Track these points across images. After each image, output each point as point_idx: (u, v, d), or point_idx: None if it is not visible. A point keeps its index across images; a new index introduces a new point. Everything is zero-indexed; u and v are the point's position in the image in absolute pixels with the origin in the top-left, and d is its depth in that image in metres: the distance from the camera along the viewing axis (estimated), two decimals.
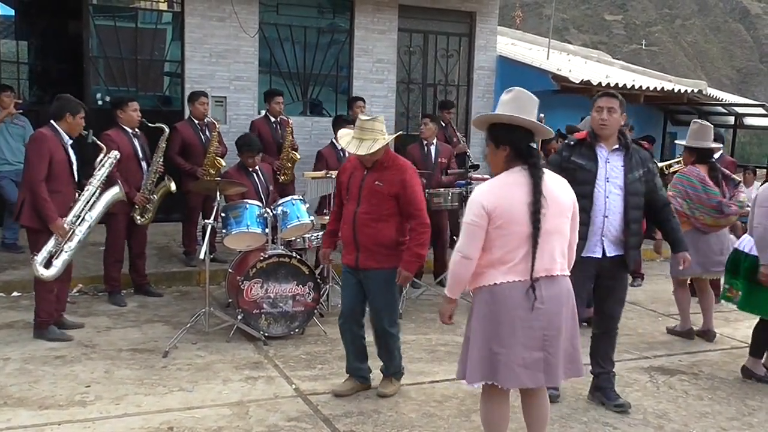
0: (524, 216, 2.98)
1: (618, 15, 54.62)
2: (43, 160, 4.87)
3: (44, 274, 4.94)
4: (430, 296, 6.69)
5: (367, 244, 4.09)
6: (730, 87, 40.53)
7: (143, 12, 8.41)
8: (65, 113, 5.04)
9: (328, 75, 9.15)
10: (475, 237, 3.01)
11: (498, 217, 2.98)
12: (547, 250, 3.02)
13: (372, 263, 4.11)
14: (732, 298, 4.85)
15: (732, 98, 13.07)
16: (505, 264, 3.01)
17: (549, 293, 3.02)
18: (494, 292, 3.03)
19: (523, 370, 3.01)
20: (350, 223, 4.12)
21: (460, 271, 3.09)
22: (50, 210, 4.87)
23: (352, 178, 4.18)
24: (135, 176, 5.94)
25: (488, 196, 3.02)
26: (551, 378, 3.09)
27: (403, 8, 9.24)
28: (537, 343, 3.01)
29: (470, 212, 3.03)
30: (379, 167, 4.09)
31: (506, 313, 3.00)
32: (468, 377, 3.12)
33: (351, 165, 4.25)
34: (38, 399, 4.05)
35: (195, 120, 6.94)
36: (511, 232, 2.99)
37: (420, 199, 4.12)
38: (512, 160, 3.08)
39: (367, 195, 4.09)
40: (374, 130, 4.01)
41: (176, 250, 7.45)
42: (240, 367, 4.69)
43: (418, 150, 7.03)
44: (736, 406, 4.40)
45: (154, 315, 5.83)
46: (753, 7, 56.39)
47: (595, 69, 11.78)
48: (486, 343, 3.05)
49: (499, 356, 3.01)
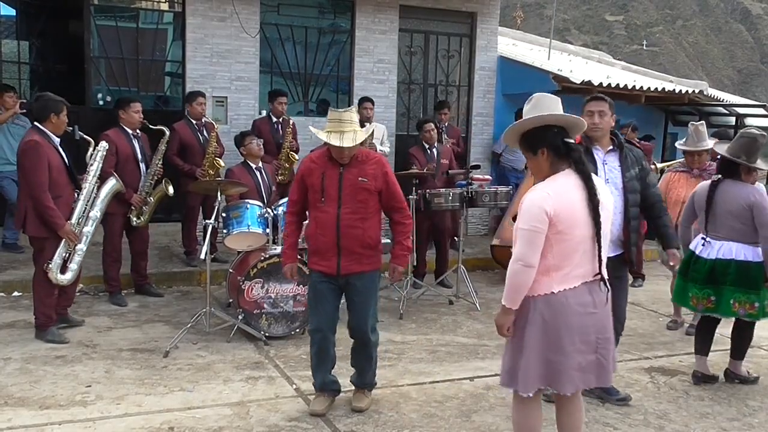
0: (585, 218, 2.93)
1: (619, 15, 54.63)
2: (44, 169, 4.81)
3: (62, 279, 4.97)
4: (430, 296, 6.69)
5: (352, 247, 3.85)
6: (731, 87, 40.53)
7: (144, 12, 8.41)
8: (49, 114, 4.94)
9: (329, 75, 9.14)
10: (536, 243, 2.90)
11: (560, 221, 2.89)
12: (604, 254, 3.01)
13: (356, 267, 3.89)
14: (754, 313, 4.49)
15: (733, 99, 13.05)
16: (560, 270, 2.94)
17: (600, 298, 3.03)
18: (551, 302, 2.96)
19: (579, 374, 3.02)
20: (332, 227, 3.82)
21: (521, 281, 2.94)
22: (57, 217, 4.86)
23: (326, 179, 3.84)
24: (133, 177, 5.92)
25: (549, 200, 2.89)
26: (602, 379, 3.11)
27: (404, 9, 9.23)
28: (591, 347, 3.02)
29: (532, 218, 2.89)
30: (356, 162, 3.85)
31: (564, 322, 2.96)
32: (522, 387, 3.05)
33: (318, 165, 3.90)
34: (39, 399, 4.05)
35: (193, 120, 6.94)
36: (571, 237, 2.92)
37: (401, 191, 4.01)
38: (555, 162, 3.00)
39: (350, 193, 3.82)
40: (352, 121, 3.79)
41: (177, 250, 7.46)
42: (241, 367, 4.69)
43: (420, 152, 7.03)
44: (736, 406, 4.39)
45: (155, 315, 5.83)
46: (754, 7, 56.36)
47: (596, 69, 11.77)
48: (543, 352, 3.00)
49: (556, 364, 2.99)
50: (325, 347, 4.00)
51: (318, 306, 3.97)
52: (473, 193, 6.51)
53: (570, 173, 2.97)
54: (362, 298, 3.96)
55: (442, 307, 6.43)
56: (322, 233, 3.85)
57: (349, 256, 3.85)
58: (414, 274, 6.65)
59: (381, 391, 4.36)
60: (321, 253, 3.89)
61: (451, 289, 6.94)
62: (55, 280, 4.95)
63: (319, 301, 3.95)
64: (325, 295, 3.94)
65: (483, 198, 6.53)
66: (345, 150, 3.76)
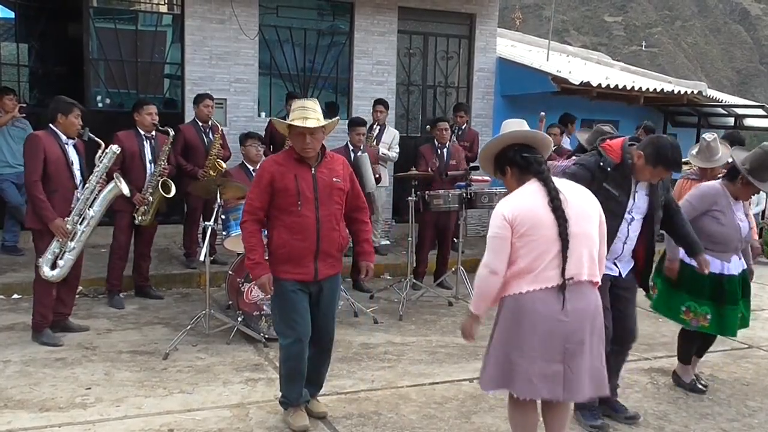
0: (549, 218, 2.94)
1: (618, 16, 54.68)
2: (36, 160, 4.88)
3: (50, 275, 4.97)
4: (429, 298, 6.69)
5: (330, 250, 3.69)
6: (730, 88, 40.56)
7: (143, 14, 8.41)
8: (57, 114, 5.07)
9: (328, 77, 9.15)
10: (500, 250, 2.95)
11: (521, 224, 2.93)
12: (575, 254, 2.94)
13: (330, 271, 3.75)
14: (651, 296, 4.64)
15: (732, 99, 13.06)
16: (531, 272, 2.94)
17: (575, 306, 2.94)
18: (519, 301, 2.96)
19: (541, 381, 2.94)
20: (312, 232, 3.61)
21: (486, 287, 3.00)
22: (47, 209, 4.89)
23: (299, 180, 3.61)
24: (138, 176, 6.00)
25: (507, 206, 2.99)
26: (571, 393, 2.99)
27: (403, 10, 9.24)
28: (557, 355, 2.94)
29: (492, 225, 2.99)
30: (326, 162, 3.71)
31: (529, 323, 2.94)
32: (483, 384, 3.12)
33: (287, 167, 3.64)
34: (39, 401, 4.05)
35: (199, 122, 6.97)
36: (537, 237, 2.92)
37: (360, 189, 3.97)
38: (521, 177, 3.09)
39: (327, 195, 3.66)
40: (315, 110, 3.64)
41: (177, 252, 7.46)
42: (240, 368, 4.69)
43: (430, 151, 7.02)
44: (736, 407, 4.40)
45: (155, 317, 5.83)
46: (753, 8, 56.42)
47: (595, 70, 11.77)
48: (505, 351, 3.01)
49: (516, 366, 2.97)
50: (303, 358, 3.74)
51: (295, 315, 3.68)
52: (472, 194, 6.51)
53: (534, 182, 3.05)
54: (330, 300, 3.82)
55: (441, 309, 6.43)
56: (300, 239, 3.61)
57: (326, 260, 3.69)
58: (414, 275, 6.66)
59: (381, 393, 4.37)
60: (295, 260, 3.64)
61: (451, 291, 6.94)
62: (43, 275, 4.95)
63: (296, 310, 3.68)
64: (302, 302, 3.70)
65: (482, 199, 6.52)
66: (308, 135, 3.56)
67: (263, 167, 3.70)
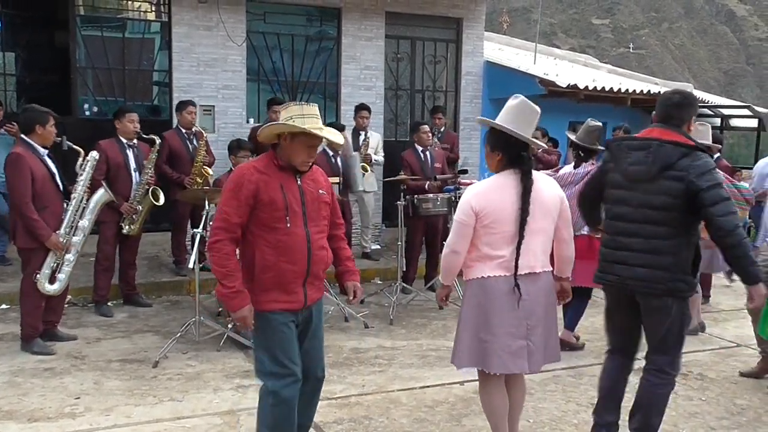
0: (512, 218, 3.18)
1: (605, 19, 54.98)
2: (25, 181, 4.81)
3: (50, 289, 4.96)
4: (420, 302, 6.70)
5: (318, 272, 3.18)
6: (717, 89, 40.85)
7: (130, 22, 8.40)
8: (35, 125, 4.94)
9: (316, 82, 9.16)
10: (462, 234, 3.26)
11: (485, 217, 3.20)
12: (531, 249, 3.23)
13: (317, 294, 3.24)
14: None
15: (718, 100, 13.15)
16: (493, 260, 3.23)
17: (530, 288, 3.24)
18: (483, 285, 3.25)
19: (509, 356, 3.23)
20: (303, 252, 3.07)
21: (450, 265, 3.38)
22: (42, 228, 4.85)
23: (287, 192, 3.05)
24: (124, 186, 5.94)
25: (477, 198, 3.24)
26: (533, 364, 3.29)
27: (390, 15, 9.27)
28: (521, 332, 3.23)
29: (460, 211, 3.26)
30: (309, 172, 3.18)
31: (494, 304, 3.22)
32: (457, 362, 3.36)
33: (272, 176, 3.06)
34: (27, 411, 4.03)
35: (183, 129, 6.95)
36: (498, 232, 3.20)
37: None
38: (505, 165, 3.28)
39: (315, 209, 3.15)
40: (318, 116, 3.10)
41: (166, 260, 7.43)
42: (230, 375, 4.68)
43: (413, 156, 7.03)
44: (725, 405, 4.42)
45: (144, 325, 5.81)
46: (739, 9, 56.87)
47: (582, 73, 11.84)
48: (475, 331, 3.27)
49: (487, 344, 3.24)
50: (296, 402, 3.18)
51: (290, 354, 3.11)
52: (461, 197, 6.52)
53: (512, 174, 3.23)
54: (318, 325, 3.31)
55: (431, 312, 6.44)
56: (290, 261, 3.05)
57: (313, 283, 3.17)
58: (403, 279, 6.66)
59: (371, 397, 4.37)
60: (284, 286, 3.08)
61: None
62: (43, 290, 4.94)
63: (290, 347, 3.12)
64: (291, 334, 3.14)
65: None
66: (316, 146, 3.11)
67: (241, 175, 3.05)
